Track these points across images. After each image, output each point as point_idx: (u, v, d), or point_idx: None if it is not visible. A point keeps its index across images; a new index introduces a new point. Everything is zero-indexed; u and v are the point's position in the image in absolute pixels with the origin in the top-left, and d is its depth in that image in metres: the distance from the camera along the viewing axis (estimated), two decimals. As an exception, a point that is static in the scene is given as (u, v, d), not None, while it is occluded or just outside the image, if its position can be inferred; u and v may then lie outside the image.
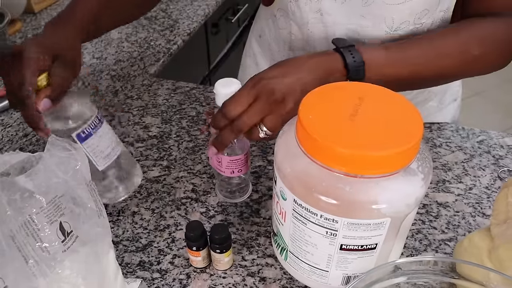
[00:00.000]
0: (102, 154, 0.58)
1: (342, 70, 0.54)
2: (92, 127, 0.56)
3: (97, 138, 0.57)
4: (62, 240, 0.42)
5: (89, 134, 0.56)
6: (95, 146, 0.57)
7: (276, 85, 0.52)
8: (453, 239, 0.59)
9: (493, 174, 0.69)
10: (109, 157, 0.58)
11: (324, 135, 0.41)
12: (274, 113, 0.52)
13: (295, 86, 0.52)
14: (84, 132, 0.56)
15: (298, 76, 0.53)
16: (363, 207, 0.42)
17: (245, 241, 0.59)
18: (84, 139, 0.56)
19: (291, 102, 0.52)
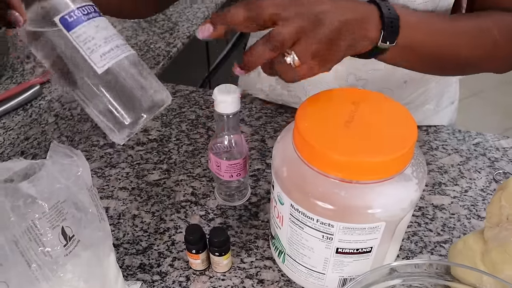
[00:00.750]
0: (100, 49, 0.41)
1: (377, 20, 0.48)
2: (84, 11, 0.41)
3: (91, 27, 0.41)
4: (64, 245, 0.43)
5: (79, 20, 0.40)
6: (89, 36, 0.40)
7: (314, 7, 0.44)
8: (448, 241, 0.60)
9: (488, 177, 0.70)
10: (110, 55, 0.41)
11: (320, 141, 0.42)
12: (308, 37, 0.44)
13: (335, 11, 0.45)
14: (71, 15, 0.40)
15: (339, 7, 0.46)
16: (358, 212, 0.43)
17: (244, 244, 0.60)
18: (72, 25, 0.40)
19: (329, 29, 0.44)
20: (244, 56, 0.46)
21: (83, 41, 0.40)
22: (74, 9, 0.40)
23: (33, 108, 0.86)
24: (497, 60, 0.61)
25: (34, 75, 0.96)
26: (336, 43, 0.45)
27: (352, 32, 0.46)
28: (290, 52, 0.44)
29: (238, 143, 0.60)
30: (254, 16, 0.43)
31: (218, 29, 0.44)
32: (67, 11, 0.40)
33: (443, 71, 0.65)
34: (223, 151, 0.60)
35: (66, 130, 0.81)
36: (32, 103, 0.88)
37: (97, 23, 0.41)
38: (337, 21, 0.45)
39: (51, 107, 0.87)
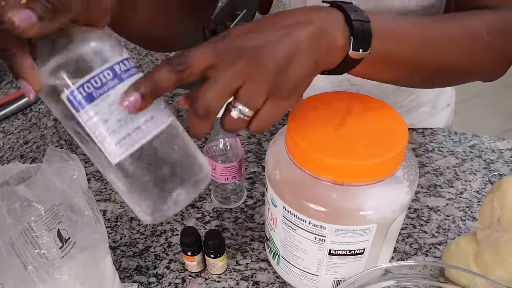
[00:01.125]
0: (114, 135, 0.32)
1: (343, 25, 0.40)
2: (97, 83, 0.31)
3: (104, 105, 0.31)
4: (60, 247, 0.44)
5: (89, 96, 0.31)
6: (101, 119, 0.31)
7: (247, 42, 0.37)
8: (443, 243, 0.61)
9: (484, 179, 0.70)
10: (127, 142, 0.32)
11: (312, 145, 0.42)
12: (251, 81, 0.36)
13: (274, 39, 0.37)
14: (80, 92, 0.31)
15: (281, 30, 0.38)
16: (349, 214, 0.43)
17: (240, 246, 0.60)
18: (81, 104, 0.31)
19: (274, 65, 0.36)
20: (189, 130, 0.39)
21: (95, 125, 0.32)
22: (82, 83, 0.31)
23: (33, 113, 0.87)
24: (489, 63, 0.55)
25: (34, 79, 0.97)
26: (291, 71, 0.38)
27: (309, 50, 0.38)
28: (235, 104, 0.37)
29: (233, 146, 0.60)
30: (185, 77, 0.35)
31: (147, 100, 0.33)
32: (73, 87, 0.31)
33: (431, 83, 0.58)
34: (218, 154, 0.60)
35: (65, 134, 0.82)
36: (31, 107, 0.88)
37: (112, 99, 0.32)
38: (284, 45, 0.37)
39: (50, 112, 0.87)
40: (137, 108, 0.32)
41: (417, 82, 0.56)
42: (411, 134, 0.79)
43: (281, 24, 0.38)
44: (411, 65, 0.47)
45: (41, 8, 0.29)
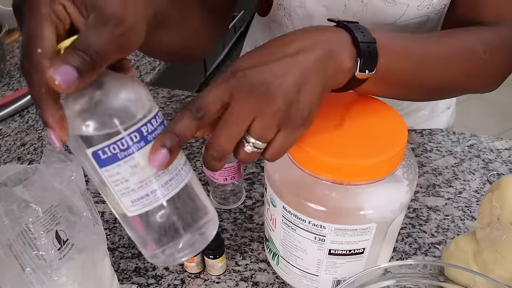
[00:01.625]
0: (132, 194, 0.34)
1: (350, 47, 0.40)
2: (123, 145, 0.32)
3: (127, 167, 0.33)
4: (58, 248, 0.43)
5: (114, 158, 0.32)
6: (122, 178, 0.33)
7: (255, 77, 0.37)
8: (443, 243, 0.61)
9: (482, 178, 0.70)
10: (143, 202, 0.34)
11: (311, 144, 0.42)
12: (262, 115, 0.37)
13: (282, 71, 0.37)
14: (105, 151, 0.32)
15: (288, 60, 0.38)
16: (349, 213, 0.43)
17: (239, 247, 0.60)
18: (105, 162, 0.32)
19: (283, 97, 0.37)
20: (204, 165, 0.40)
21: (115, 182, 0.33)
22: (108, 145, 0.32)
23: (30, 114, 0.87)
24: (484, 80, 0.56)
25: (31, 81, 0.97)
26: (301, 101, 0.38)
27: (317, 76, 0.38)
28: (248, 139, 0.38)
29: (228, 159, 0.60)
30: (204, 121, 0.36)
31: (174, 152, 0.34)
32: (99, 146, 0.32)
33: (428, 97, 0.59)
34: None
35: (63, 135, 0.81)
36: (28, 109, 0.88)
37: (136, 161, 0.33)
38: (290, 80, 0.37)
39: (47, 113, 0.87)
40: (166, 164, 0.33)
41: (415, 98, 0.58)
42: (410, 134, 0.79)
43: (286, 52, 0.38)
44: (410, 82, 0.48)
45: (79, 61, 0.29)
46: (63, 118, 0.31)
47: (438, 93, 0.56)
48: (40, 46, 0.30)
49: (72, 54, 0.29)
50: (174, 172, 0.35)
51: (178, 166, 0.35)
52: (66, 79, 0.29)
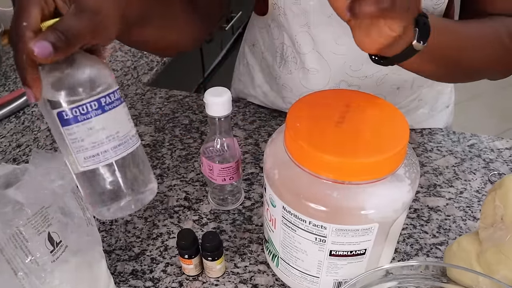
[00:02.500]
0: (86, 152, 0.40)
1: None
2: (82, 111, 0.39)
3: (84, 129, 0.39)
4: (51, 251, 0.42)
5: (75, 119, 0.39)
6: (79, 137, 0.40)
7: None
8: (444, 243, 0.60)
9: (483, 178, 0.69)
10: (94, 160, 0.40)
11: (311, 142, 0.41)
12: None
13: None
14: (67, 114, 0.39)
15: None
16: (351, 213, 0.42)
17: (238, 248, 0.59)
18: (67, 122, 0.39)
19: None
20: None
21: (73, 140, 0.40)
22: (71, 108, 0.39)
23: (26, 116, 0.86)
24: (505, 65, 0.61)
25: (27, 82, 0.96)
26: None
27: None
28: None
29: (231, 146, 0.59)
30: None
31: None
32: (64, 108, 0.39)
33: (456, 77, 0.63)
34: (215, 154, 0.59)
35: (59, 136, 0.80)
36: (24, 110, 0.87)
37: (93, 125, 0.39)
38: None
39: (43, 115, 0.86)
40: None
41: (447, 78, 0.63)
42: (410, 134, 0.78)
43: None
44: (450, 61, 0.54)
45: (56, 39, 0.36)
46: (39, 79, 0.37)
47: (465, 74, 0.61)
48: (26, 20, 0.37)
49: (51, 33, 0.36)
50: (123, 140, 0.42)
51: (128, 136, 0.42)
52: (42, 51, 0.35)
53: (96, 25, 0.39)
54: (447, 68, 0.56)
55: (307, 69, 0.71)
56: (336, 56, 0.68)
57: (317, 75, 0.71)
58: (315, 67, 0.70)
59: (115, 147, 0.41)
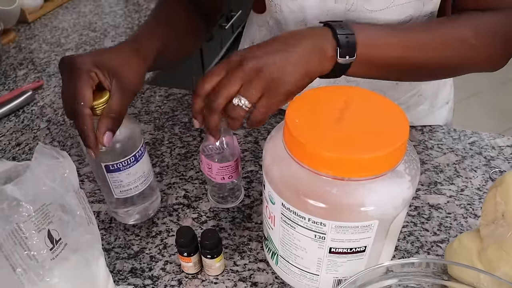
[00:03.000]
0: (122, 188, 0.57)
1: (332, 39, 0.51)
2: (125, 164, 0.55)
3: (123, 175, 0.56)
4: (51, 248, 0.42)
5: (118, 169, 0.55)
6: (119, 179, 0.56)
7: (250, 55, 0.49)
8: (445, 241, 0.59)
9: (484, 175, 0.69)
10: (127, 192, 0.58)
11: (311, 139, 0.41)
12: (250, 82, 0.48)
13: (272, 56, 0.49)
14: (114, 166, 0.55)
15: (276, 48, 0.50)
16: (350, 209, 0.42)
17: (237, 246, 0.59)
18: (111, 171, 0.55)
19: (268, 72, 0.48)
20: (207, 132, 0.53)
21: (114, 181, 0.56)
22: (117, 163, 0.54)
23: (25, 114, 0.86)
24: (478, 62, 0.61)
25: (26, 81, 0.95)
26: (283, 79, 0.49)
27: (300, 62, 0.49)
28: (237, 95, 0.49)
29: (230, 144, 0.59)
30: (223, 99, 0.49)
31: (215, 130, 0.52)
32: (112, 162, 0.54)
33: (425, 78, 0.68)
34: (214, 152, 0.59)
35: (58, 135, 0.80)
36: (24, 109, 0.87)
37: (130, 171, 0.56)
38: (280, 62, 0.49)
39: (43, 113, 0.86)
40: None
41: (410, 78, 0.66)
42: (410, 131, 0.78)
43: (279, 41, 0.51)
44: (399, 65, 0.56)
45: (113, 125, 0.50)
46: (98, 144, 0.49)
47: (431, 73, 0.63)
48: (83, 100, 0.48)
49: (109, 121, 0.49)
50: (147, 175, 0.59)
51: (150, 171, 0.60)
52: (108, 140, 0.50)
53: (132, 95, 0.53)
54: (400, 71, 0.59)
55: None
56: None
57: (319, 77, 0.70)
58: None
59: (142, 182, 0.58)
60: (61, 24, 1.20)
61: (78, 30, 1.17)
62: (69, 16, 1.24)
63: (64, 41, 1.11)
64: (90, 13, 1.26)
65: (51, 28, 1.18)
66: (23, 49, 1.08)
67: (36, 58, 1.04)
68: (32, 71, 0.99)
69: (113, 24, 1.19)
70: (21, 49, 1.08)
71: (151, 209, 0.63)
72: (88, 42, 1.10)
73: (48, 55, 1.05)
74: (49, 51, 1.07)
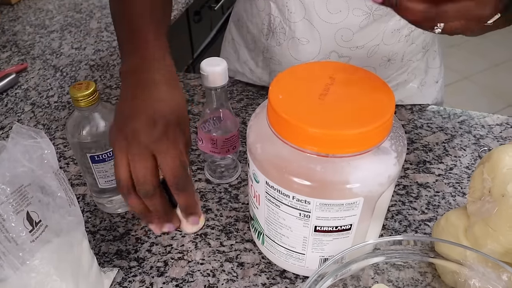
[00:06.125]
0: (107, 178, 0.57)
1: None
2: (110, 155, 0.55)
3: (109, 165, 0.56)
4: (30, 230, 0.41)
5: (102, 160, 0.55)
6: (103, 170, 0.56)
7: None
8: (433, 219, 0.59)
9: (473, 154, 0.69)
10: (112, 183, 0.57)
11: (294, 115, 0.40)
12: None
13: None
14: (99, 156, 0.55)
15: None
16: (335, 187, 0.41)
17: (224, 227, 0.58)
18: (96, 161, 0.55)
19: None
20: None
21: (98, 171, 0.56)
22: (103, 153, 0.55)
23: (9, 97, 0.84)
24: None
25: (10, 64, 0.93)
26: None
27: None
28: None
29: (228, 116, 0.58)
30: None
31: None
32: (99, 153, 0.54)
33: None
34: (213, 127, 0.58)
35: (43, 118, 0.78)
36: (8, 92, 0.85)
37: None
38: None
39: (27, 96, 0.84)
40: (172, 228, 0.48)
41: None
42: (400, 110, 0.77)
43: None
44: None
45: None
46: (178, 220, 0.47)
47: None
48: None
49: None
50: None
51: None
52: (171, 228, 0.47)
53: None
54: None
55: (297, 39, 0.69)
56: (327, 25, 0.66)
57: (307, 46, 0.69)
58: (306, 36, 0.68)
59: None
60: (46, 6, 1.17)
61: (63, 11, 1.14)
62: (53, -3, 1.22)
63: (48, 23, 1.09)
64: (76, -6, 1.23)
65: (35, 10, 1.15)
66: (6, 31, 1.06)
67: (20, 40, 1.02)
68: (16, 53, 0.97)
69: (99, 5, 1.16)
70: (4, 31, 1.06)
71: None
72: (74, 24, 1.08)
73: (33, 37, 1.03)
74: (33, 33, 1.05)
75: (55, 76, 0.89)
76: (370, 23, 0.65)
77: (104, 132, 0.54)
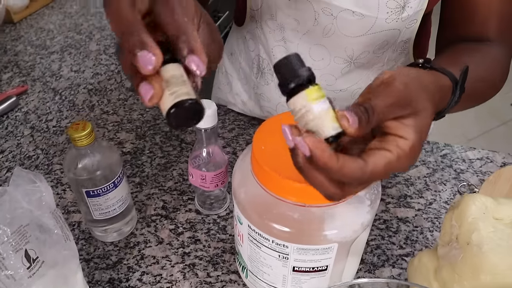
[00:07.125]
0: (101, 210, 0.60)
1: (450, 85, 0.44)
2: (104, 190, 0.58)
3: (102, 199, 0.59)
4: (28, 267, 0.44)
5: (97, 195, 0.58)
6: (98, 203, 0.59)
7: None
8: (410, 254, 0.62)
9: (453, 189, 0.72)
10: (106, 215, 0.61)
11: (275, 166, 0.43)
12: None
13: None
14: (94, 192, 0.58)
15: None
16: (311, 234, 0.44)
17: (211, 258, 0.61)
18: (91, 196, 0.58)
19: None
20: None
21: (93, 204, 0.59)
22: (97, 189, 0.58)
23: (9, 120, 0.87)
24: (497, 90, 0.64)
25: (11, 85, 0.96)
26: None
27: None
28: None
29: (218, 153, 0.62)
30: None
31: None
32: (93, 188, 0.58)
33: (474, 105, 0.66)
34: (203, 163, 0.61)
35: (42, 142, 0.82)
36: (8, 114, 0.88)
37: (108, 196, 0.59)
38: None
39: (27, 119, 0.87)
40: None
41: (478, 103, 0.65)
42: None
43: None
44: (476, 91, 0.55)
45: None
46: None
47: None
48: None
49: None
50: (124, 199, 0.62)
51: (127, 194, 0.63)
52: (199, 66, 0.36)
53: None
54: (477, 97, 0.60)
55: None
56: None
57: None
58: None
59: (120, 205, 0.62)
60: (47, 25, 1.20)
61: (64, 31, 1.17)
62: (55, 16, 1.25)
63: (49, 43, 1.12)
64: (76, 14, 1.26)
65: (36, 29, 1.18)
66: (8, 51, 1.09)
67: (21, 61, 1.05)
68: (17, 74, 1.00)
69: (99, 26, 1.20)
70: (6, 51, 1.09)
71: (129, 227, 0.65)
72: (73, 45, 1.11)
73: (33, 58, 1.06)
74: (34, 54, 1.08)
75: (54, 100, 0.92)
76: (352, 70, 0.69)
77: (99, 167, 0.57)
